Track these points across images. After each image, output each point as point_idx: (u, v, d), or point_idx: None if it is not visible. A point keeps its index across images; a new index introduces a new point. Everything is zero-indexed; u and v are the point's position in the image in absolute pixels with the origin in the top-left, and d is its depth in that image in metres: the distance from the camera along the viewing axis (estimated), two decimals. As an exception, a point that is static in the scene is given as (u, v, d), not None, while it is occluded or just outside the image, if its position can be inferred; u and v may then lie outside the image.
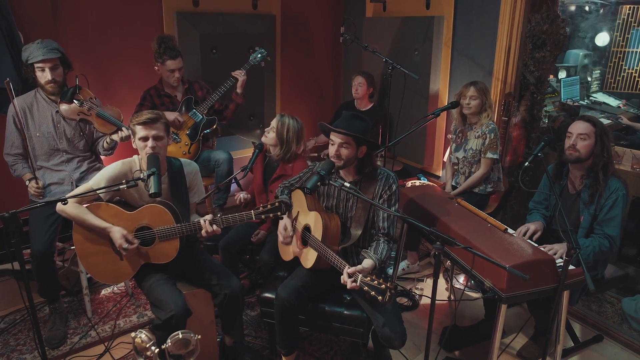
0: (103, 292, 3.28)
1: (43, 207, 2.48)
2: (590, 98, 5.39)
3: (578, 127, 2.41)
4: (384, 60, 3.33)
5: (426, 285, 3.45)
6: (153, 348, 1.53)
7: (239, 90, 3.53)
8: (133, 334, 1.60)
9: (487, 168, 3.10)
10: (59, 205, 2.22)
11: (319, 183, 2.14)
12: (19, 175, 2.77)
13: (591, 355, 2.75)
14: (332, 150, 2.26)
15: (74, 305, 3.10)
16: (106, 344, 2.70)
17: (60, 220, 2.69)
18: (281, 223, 2.42)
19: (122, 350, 2.69)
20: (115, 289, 3.31)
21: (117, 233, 2.22)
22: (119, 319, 2.99)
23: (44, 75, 2.61)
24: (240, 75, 3.50)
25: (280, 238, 2.43)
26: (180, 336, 1.59)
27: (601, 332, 2.91)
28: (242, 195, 2.92)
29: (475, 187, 3.16)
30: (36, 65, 2.58)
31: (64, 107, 2.66)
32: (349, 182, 2.19)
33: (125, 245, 2.20)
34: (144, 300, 3.15)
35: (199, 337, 1.64)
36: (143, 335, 1.57)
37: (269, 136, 2.90)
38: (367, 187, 2.32)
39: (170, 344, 1.57)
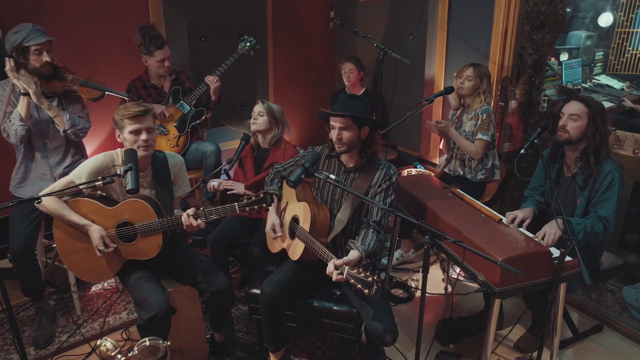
0: (93, 288, 3.23)
1: (21, 203, 2.43)
2: (593, 80, 5.24)
3: (570, 108, 2.32)
4: (375, 45, 3.22)
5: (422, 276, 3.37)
6: (119, 357, 1.46)
7: (212, 98, 3.35)
8: (99, 341, 1.53)
9: (480, 149, 2.96)
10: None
11: (303, 176, 2.06)
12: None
13: (590, 346, 2.68)
14: (333, 135, 2.20)
15: (63, 302, 3.05)
16: (92, 344, 2.65)
17: (42, 217, 2.63)
18: (269, 221, 2.34)
19: (111, 348, 2.64)
20: (106, 285, 3.26)
21: (96, 233, 2.15)
22: (108, 316, 2.94)
23: (41, 58, 2.52)
24: (212, 82, 3.26)
25: (271, 236, 2.36)
26: (147, 343, 1.53)
27: (601, 321, 2.83)
28: (212, 183, 2.84)
29: (466, 152, 3.02)
30: (34, 47, 2.48)
31: (33, 97, 2.52)
32: (350, 167, 2.25)
33: (102, 248, 2.13)
34: (134, 296, 3.11)
35: (168, 343, 1.57)
36: (108, 344, 1.50)
37: (260, 121, 2.82)
38: (366, 175, 2.25)
39: (136, 351, 1.50)
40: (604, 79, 5.26)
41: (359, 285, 1.84)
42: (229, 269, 3.16)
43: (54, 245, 3.00)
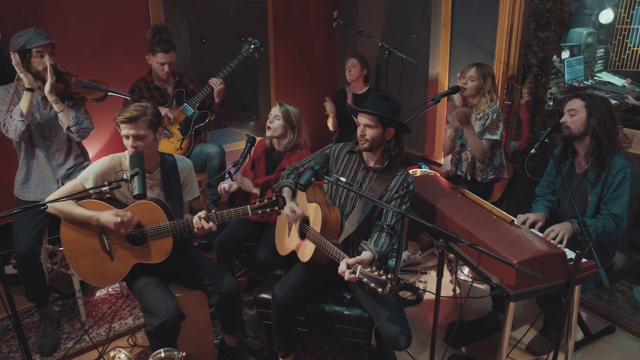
0: (98, 294, 3.19)
1: (28, 209, 2.39)
2: (595, 78, 5.22)
3: (568, 104, 2.36)
4: (380, 44, 3.18)
5: (430, 278, 3.34)
6: (134, 368, 1.43)
7: (216, 100, 3.33)
8: (112, 353, 1.50)
9: (487, 149, 2.94)
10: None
11: (312, 179, 2.04)
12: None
13: (603, 348, 2.65)
14: (358, 130, 2.20)
15: (68, 308, 3.00)
16: (100, 349, 2.61)
17: (47, 221, 2.60)
18: (287, 207, 2.24)
19: (117, 355, 2.60)
20: (111, 289, 3.22)
21: (107, 214, 2.10)
22: (114, 322, 2.90)
23: (43, 61, 2.49)
24: (216, 84, 3.25)
25: (290, 220, 2.31)
26: (163, 355, 1.49)
27: (612, 322, 2.80)
28: (223, 185, 2.80)
29: (473, 150, 2.98)
30: (36, 50, 2.46)
31: (48, 87, 2.51)
32: (370, 166, 2.24)
33: (119, 220, 2.06)
34: (139, 301, 3.07)
35: (184, 354, 1.54)
36: (122, 355, 1.46)
37: (274, 125, 2.77)
38: (384, 178, 2.22)
39: (152, 363, 1.47)
40: (605, 76, 5.22)
41: (373, 284, 1.81)
42: (235, 272, 3.12)
43: (59, 249, 2.97)
